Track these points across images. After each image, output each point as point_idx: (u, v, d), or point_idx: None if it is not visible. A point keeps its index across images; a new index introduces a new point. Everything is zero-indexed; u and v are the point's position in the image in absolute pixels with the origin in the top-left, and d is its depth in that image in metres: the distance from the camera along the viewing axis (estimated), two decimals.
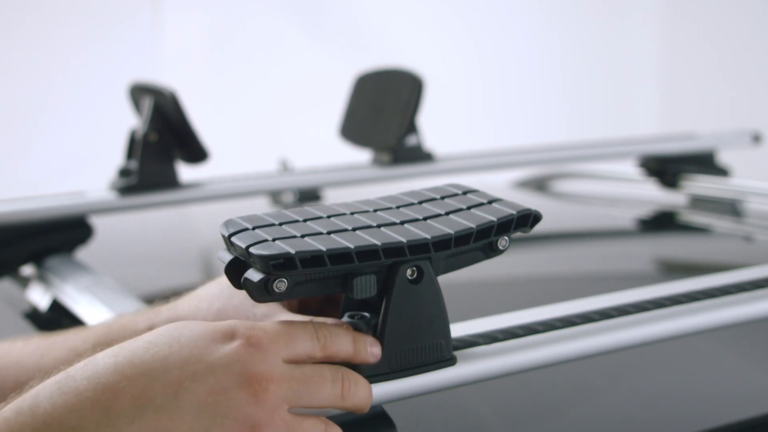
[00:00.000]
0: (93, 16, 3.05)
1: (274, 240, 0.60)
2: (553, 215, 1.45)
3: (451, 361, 0.64)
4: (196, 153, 1.32)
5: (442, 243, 0.62)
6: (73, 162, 2.95)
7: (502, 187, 1.74)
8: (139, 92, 1.35)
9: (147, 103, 1.30)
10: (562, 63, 3.70)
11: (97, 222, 1.27)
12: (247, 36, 3.31)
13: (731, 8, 3.45)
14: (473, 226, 0.63)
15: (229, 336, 0.57)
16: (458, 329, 0.67)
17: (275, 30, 3.33)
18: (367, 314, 0.63)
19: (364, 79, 1.50)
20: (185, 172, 1.34)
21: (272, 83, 3.30)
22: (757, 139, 1.66)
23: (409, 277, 0.62)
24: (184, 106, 1.28)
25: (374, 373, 0.61)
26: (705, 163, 1.59)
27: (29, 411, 0.55)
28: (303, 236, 0.61)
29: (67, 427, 0.54)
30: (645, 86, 3.76)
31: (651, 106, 3.74)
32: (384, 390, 0.62)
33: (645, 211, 1.65)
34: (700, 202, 1.52)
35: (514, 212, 0.64)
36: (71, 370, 0.56)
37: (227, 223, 0.63)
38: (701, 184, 1.52)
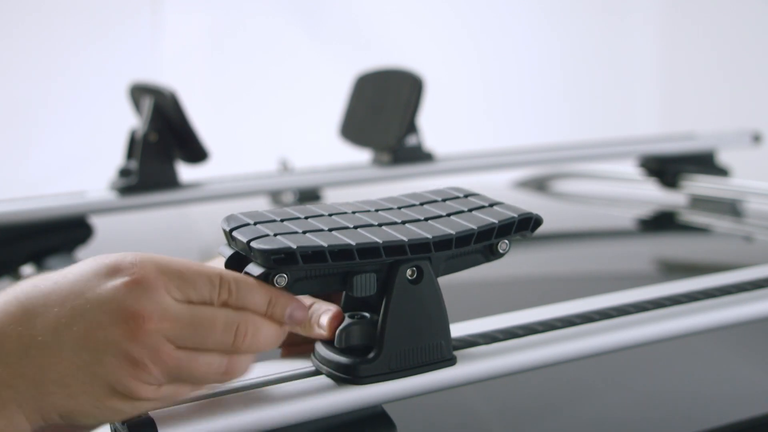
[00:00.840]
0: (93, 16, 3.04)
1: (275, 235, 0.60)
2: (553, 215, 1.45)
3: (451, 361, 0.64)
4: (196, 153, 1.32)
5: (442, 243, 0.62)
6: (73, 162, 2.95)
7: (502, 187, 1.74)
8: (139, 92, 1.35)
9: (147, 103, 1.30)
10: (562, 63, 3.70)
11: (97, 222, 1.27)
12: (247, 36, 3.31)
13: (731, 8, 3.45)
14: (474, 227, 0.63)
15: (115, 271, 0.56)
16: (458, 329, 0.67)
17: (275, 30, 3.33)
18: (367, 314, 0.63)
19: (364, 79, 1.50)
20: (185, 172, 1.34)
21: (272, 83, 3.30)
22: (757, 139, 1.66)
23: (409, 277, 0.62)
24: (184, 106, 1.28)
25: (374, 373, 0.61)
26: (705, 163, 1.59)
27: None
28: (304, 232, 0.61)
29: None
30: (645, 86, 3.76)
31: (651, 106, 3.74)
32: (384, 390, 0.62)
33: (645, 211, 1.65)
34: (700, 202, 1.52)
35: (515, 215, 0.64)
36: None
37: (229, 219, 0.63)
38: (701, 184, 1.52)
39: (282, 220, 0.63)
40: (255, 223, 0.62)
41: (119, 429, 0.57)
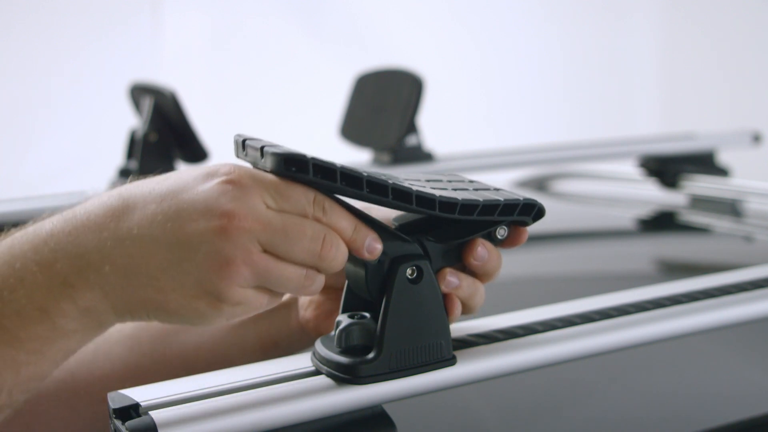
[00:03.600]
0: (93, 16, 3.04)
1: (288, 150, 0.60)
2: (553, 215, 1.45)
3: (451, 361, 0.64)
4: (196, 153, 1.32)
5: (448, 205, 0.62)
6: (73, 162, 2.95)
7: (502, 187, 1.74)
8: (139, 92, 1.36)
9: (147, 103, 1.30)
10: (562, 63, 3.70)
11: None
12: (247, 36, 3.31)
13: (731, 8, 3.45)
14: (480, 199, 0.63)
15: (212, 175, 0.57)
16: (458, 329, 0.67)
17: (275, 30, 3.33)
18: (367, 314, 0.63)
19: (364, 79, 1.50)
20: None
21: (272, 83, 3.30)
22: (757, 139, 1.66)
23: (409, 277, 0.62)
24: (184, 106, 1.28)
25: (374, 373, 0.61)
26: (705, 163, 1.59)
27: (33, 231, 0.58)
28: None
29: (62, 248, 0.56)
30: (645, 86, 3.75)
31: (651, 106, 3.74)
32: (384, 390, 0.62)
33: (645, 211, 1.65)
34: (700, 202, 1.52)
35: (520, 198, 0.64)
36: (77, 207, 0.59)
37: (240, 134, 0.63)
38: (701, 184, 1.52)
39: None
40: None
41: (119, 429, 0.57)
